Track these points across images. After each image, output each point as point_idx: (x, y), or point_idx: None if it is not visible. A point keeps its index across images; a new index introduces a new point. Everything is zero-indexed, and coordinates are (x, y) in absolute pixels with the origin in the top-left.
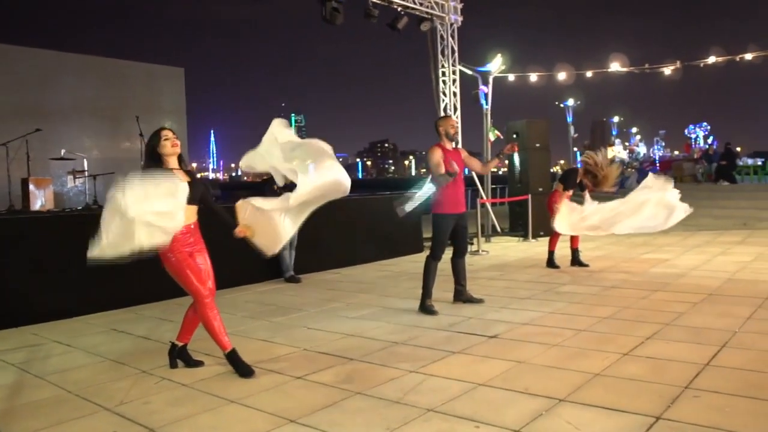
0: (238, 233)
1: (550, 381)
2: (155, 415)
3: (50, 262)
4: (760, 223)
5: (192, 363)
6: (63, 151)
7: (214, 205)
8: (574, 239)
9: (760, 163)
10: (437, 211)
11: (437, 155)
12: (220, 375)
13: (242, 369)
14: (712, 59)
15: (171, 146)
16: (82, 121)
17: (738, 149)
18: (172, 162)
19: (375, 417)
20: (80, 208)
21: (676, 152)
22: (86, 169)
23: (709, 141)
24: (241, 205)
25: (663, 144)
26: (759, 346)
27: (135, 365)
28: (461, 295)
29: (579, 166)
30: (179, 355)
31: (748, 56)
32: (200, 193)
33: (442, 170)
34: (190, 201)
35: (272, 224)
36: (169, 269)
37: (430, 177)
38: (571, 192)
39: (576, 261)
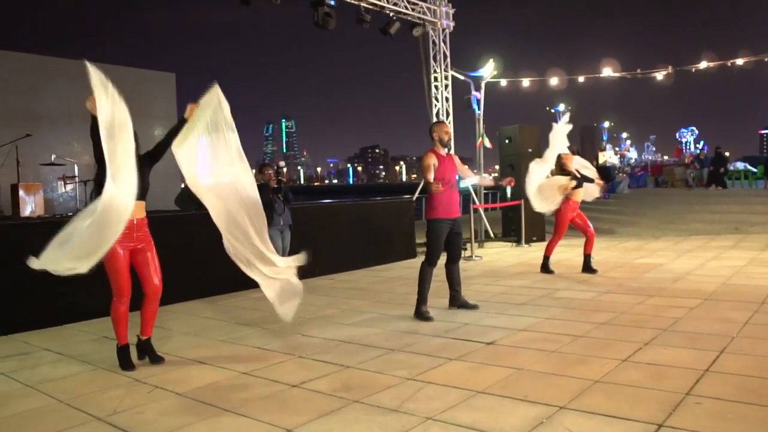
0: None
1: (550, 388)
2: (149, 425)
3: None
4: (752, 227)
5: (154, 358)
6: (53, 157)
7: (166, 142)
8: (588, 244)
9: (754, 171)
10: (431, 217)
11: (428, 159)
12: (215, 383)
13: (124, 363)
14: (704, 64)
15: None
16: (72, 127)
17: (727, 154)
18: None
19: (373, 425)
20: (71, 214)
21: (666, 157)
22: (77, 174)
23: (700, 145)
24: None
25: (654, 149)
26: (758, 351)
27: (127, 374)
28: (456, 301)
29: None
30: (143, 348)
31: (740, 61)
32: (147, 188)
33: (430, 176)
34: (138, 195)
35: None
36: (105, 258)
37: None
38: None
39: (587, 267)
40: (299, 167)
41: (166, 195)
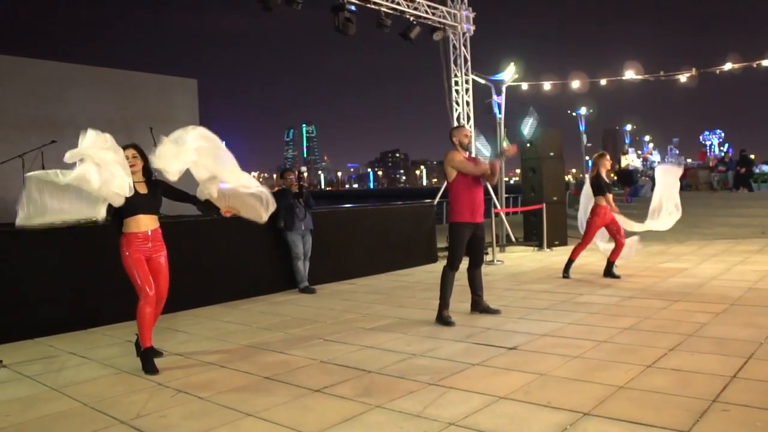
0: (226, 213)
1: (573, 394)
2: (172, 429)
3: (66, 273)
4: None
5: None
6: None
7: (189, 197)
8: (614, 252)
9: None
10: (455, 220)
11: (458, 155)
12: (237, 388)
13: (148, 366)
14: (728, 66)
15: (129, 167)
16: None
17: (752, 156)
18: (135, 176)
19: (396, 431)
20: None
21: (689, 160)
22: None
23: (724, 148)
24: (217, 196)
25: (677, 152)
26: None
27: (150, 377)
28: (478, 306)
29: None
30: (138, 344)
31: (766, 62)
32: (159, 204)
33: (470, 167)
34: (149, 210)
35: (247, 200)
36: (124, 265)
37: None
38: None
39: (609, 272)
40: (320, 172)
41: None
